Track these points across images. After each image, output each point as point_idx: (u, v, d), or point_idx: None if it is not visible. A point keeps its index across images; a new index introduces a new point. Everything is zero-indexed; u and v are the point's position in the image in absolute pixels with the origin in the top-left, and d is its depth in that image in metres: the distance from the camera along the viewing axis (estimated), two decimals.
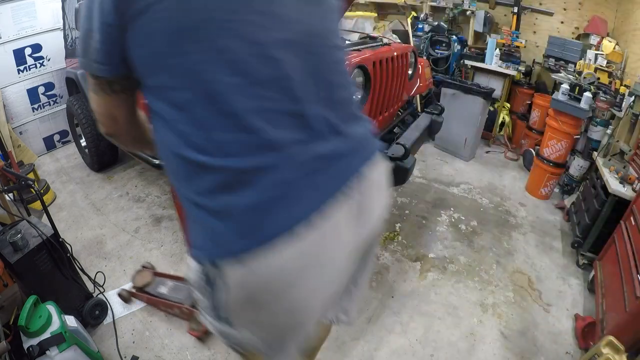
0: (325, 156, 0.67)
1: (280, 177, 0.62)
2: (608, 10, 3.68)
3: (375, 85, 1.96)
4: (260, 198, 0.61)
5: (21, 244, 1.51)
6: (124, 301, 2.01)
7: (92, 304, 1.87)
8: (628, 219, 1.98)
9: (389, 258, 2.43)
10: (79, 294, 1.84)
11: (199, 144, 0.61)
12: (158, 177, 3.33)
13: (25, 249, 1.51)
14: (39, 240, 1.56)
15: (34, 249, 1.53)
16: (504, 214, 2.99)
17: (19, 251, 1.50)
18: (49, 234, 1.61)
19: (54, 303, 1.53)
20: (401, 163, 1.83)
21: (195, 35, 0.58)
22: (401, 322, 1.98)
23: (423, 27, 4.55)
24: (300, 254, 0.63)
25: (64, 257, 1.70)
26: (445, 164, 3.82)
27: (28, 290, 1.50)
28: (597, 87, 3.02)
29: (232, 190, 0.61)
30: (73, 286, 1.79)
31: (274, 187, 0.61)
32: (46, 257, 1.60)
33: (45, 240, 1.57)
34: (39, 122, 3.77)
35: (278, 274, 0.63)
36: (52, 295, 1.59)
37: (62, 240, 1.70)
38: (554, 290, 2.24)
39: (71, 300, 1.77)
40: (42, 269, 1.59)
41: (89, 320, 1.84)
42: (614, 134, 2.60)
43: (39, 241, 1.56)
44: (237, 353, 0.87)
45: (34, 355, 1.29)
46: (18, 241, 1.49)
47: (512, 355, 1.82)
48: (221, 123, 0.60)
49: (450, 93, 3.76)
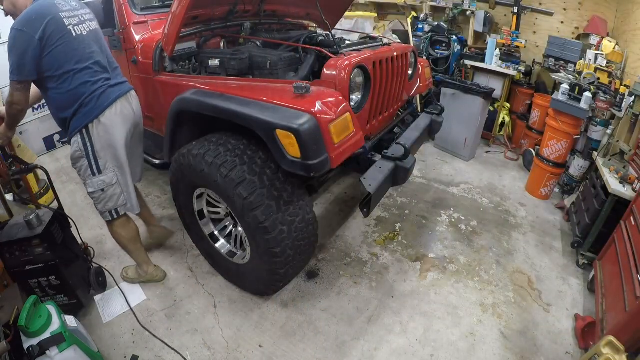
0: (114, 84, 1.76)
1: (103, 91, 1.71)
2: (608, 10, 3.69)
3: (375, 85, 1.97)
4: (98, 98, 1.69)
5: (36, 221, 1.68)
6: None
7: (94, 272, 2.07)
8: (628, 219, 1.98)
9: (389, 258, 2.43)
10: (84, 263, 2.06)
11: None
12: (158, 177, 3.33)
13: (42, 224, 1.71)
14: (50, 214, 1.79)
15: (51, 220, 1.75)
16: (504, 214, 2.99)
17: (38, 227, 1.69)
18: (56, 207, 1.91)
19: (54, 303, 1.54)
20: (401, 163, 1.83)
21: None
22: (401, 322, 1.98)
23: (423, 27, 4.55)
24: (113, 115, 1.72)
25: (69, 228, 1.94)
26: (445, 164, 3.82)
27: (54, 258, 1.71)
28: (597, 87, 3.02)
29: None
30: (80, 256, 2.02)
31: (101, 94, 1.70)
32: (58, 228, 1.81)
33: (55, 213, 1.83)
34: (39, 122, 3.78)
35: (109, 122, 1.72)
36: (69, 263, 1.84)
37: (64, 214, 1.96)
38: (554, 290, 2.25)
39: (80, 267, 1.99)
40: (58, 238, 1.78)
41: (96, 288, 2.07)
42: (614, 134, 2.60)
43: (51, 215, 1.79)
44: (109, 219, 1.91)
45: (34, 355, 1.30)
46: (33, 219, 1.67)
47: (512, 355, 1.82)
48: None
49: (450, 93, 3.77)
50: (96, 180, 1.77)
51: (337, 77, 1.71)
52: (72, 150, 1.74)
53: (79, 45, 1.62)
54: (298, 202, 1.70)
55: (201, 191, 1.92)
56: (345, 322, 1.97)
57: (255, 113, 1.52)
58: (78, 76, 1.62)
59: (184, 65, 2.14)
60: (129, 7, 2.19)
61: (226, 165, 1.61)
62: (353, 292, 2.15)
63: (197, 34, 2.21)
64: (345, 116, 1.56)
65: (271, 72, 1.93)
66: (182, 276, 2.25)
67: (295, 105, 1.49)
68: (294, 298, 2.10)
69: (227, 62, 1.97)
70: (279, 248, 1.65)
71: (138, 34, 2.19)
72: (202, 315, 1.99)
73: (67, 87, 1.61)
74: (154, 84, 2.14)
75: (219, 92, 1.75)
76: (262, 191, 1.58)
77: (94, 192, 1.80)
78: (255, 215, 1.57)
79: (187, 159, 1.77)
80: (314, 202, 2.57)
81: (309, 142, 1.41)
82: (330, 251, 2.47)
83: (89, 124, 1.67)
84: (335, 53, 1.86)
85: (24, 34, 1.46)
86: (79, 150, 1.71)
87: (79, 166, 1.76)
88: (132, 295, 2.11)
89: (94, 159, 1.73)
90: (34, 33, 1.47)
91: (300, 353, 1.80)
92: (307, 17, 3.07)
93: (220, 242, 2.12)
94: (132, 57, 2.20)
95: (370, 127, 2.08)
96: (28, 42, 1.47)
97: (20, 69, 1.51)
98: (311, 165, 1.43)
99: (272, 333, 1.90)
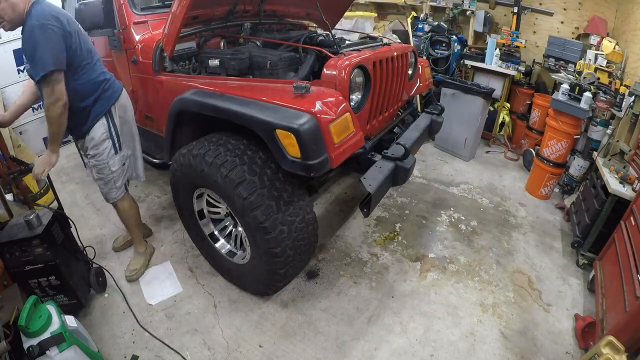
0: (115, 83, 1.97)
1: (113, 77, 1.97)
2: (608, 10, 3.68)
3: (375, 85, 1.97)
4: (113, 82, 1.95)
5: (36, 222, 1.67)
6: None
7: (94, 272, 2.07)
8: (628, 219, 1.98)
9: (389, 258, 2.43)
10: (84, 263, 2.06)
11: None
12: (158, 177, 3.33)
13: (42, 224, 1.70)
14: (50, 214, 1.78)
15: (50, 220, 1.74)
16: (504, 214, 2.99)
17: (38, 227, 1.67)
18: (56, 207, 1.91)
19: (54, 303, 1.53)
20: (401, 163, 1.83)
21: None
22: (401, 322, 1.98)
23: (423, 27, 4.55)
24: (124, 95, 2.01)
25: (69, 227, 1.93)
26: (445, 164, 3.82)
27: (54, 258, 1.70)
28: (597, 87, 3.02)
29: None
30: (79, 256, 2.01)
31: (114, 80, 1.96)
32: (58, 228, 1.81)
33: (55, 213, 1.81)
34: (38, 122, 3.78)
35: (125, 102, 2.02)
36: (69, 263, 1.83)
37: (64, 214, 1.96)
38: (554, 290, 2.24)
39: (80, 267, 1.99)
40: (58, 238, 1.77)
41: (96, 288, 2.06)
42: (614, 134, 2.60)
43: (51, 215, 1.78)
44: (122, 195, 2.09)
45: (33, 355, 1.30)
46: (33, 219, 1.66)
47: (512, 355, 1.82)
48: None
49: (450, 93, 3.77)
50: (118, 157, 1.98)
51: (337, 77, 1.71)
52: (96, 135, 1.86)
53: (89, 40, 1.81)
54: (298, 202, 1.70)
55: (201, 191, 1.92)
56: (345, 322, 1.97)
57: (255, 113, 1.52)
58: (96, 66, 1.83)
59: (184, 65, 2.14)
60: (129, 7, 2.19)
61: (226, 165, 1.61)
62: (353, 292, 2.15)
63: (197, 34, 2.21)
64: (345, 116, 1.56)
65: (271, 72, 1.93)
66: (182, 276, 2.25)
67: (295, 105, 1.49)
68: (294, 298, 2.10)
69: (227, 62, 1.97)
70: (279, 248, 1.65)
71: (138, 34, 2.19)
72: (202, 315, 1.99)
73: (88, 77, 1.77)
74: (154, 84, 2.14)
75: (219, 92, 1.75)
76: (262, 191, 1.58)
77: (115, 170, 1.97)
78: (255, 215, 1.57)
79: (187, 159, 1.77)
80: (314, 202, 2.57)
81: (309, 142, 1.41)
82: (330, 251, 2.47)
83: (112, 107, 1.90)
84: (335, 53, 1.86)
85: (52, 27, 1.51)
86: (105, 132, 1.89)
87: (102, 149, 1.90)
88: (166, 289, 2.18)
89: (116, 137, 1.95)
90: (62, 26, 1.55)
91: (300, 353, 1.80)
92: (307, 17, 3.07)
93: (220, 242, 2.12)
94: (132, 57, 2.20)
95: (370, 127, 2.08)
96: (58, 34, 1.53)
97: (56, 58, 1.54)
98: (311, 165, 1.43)
99: (272, 333, 1.90)
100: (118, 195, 2.07)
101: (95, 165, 1.94)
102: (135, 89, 2.34)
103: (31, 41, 1.49)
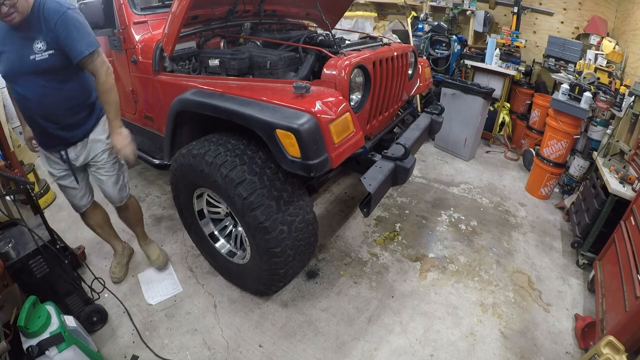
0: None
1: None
2: (608, 10, 3.69)
3: (375, 85, 1.96)
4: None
5: (13, 253, 1.47)
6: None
7: (89, 310, 1.84)
8: (628, 219, 1.98)
9: (389, 258, 2.43)
10: (77, 298, 1.80)
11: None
12: (158, 176, 3.33)
13: (20, 254, 1.49)
14: (34, 246, 1.53)
15: (28, 254, 1.51)
16: (504, 214, 2.99)
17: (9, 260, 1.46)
18: (46, 239, 1.58)
19: (53, 303, 1.53)
20: (401, 163, 1.83)
21: None
22: (401, 322, 1.98)
23: (423, 27, 4.55)
24: None
25: (63, 262, 1.68)
26: (445, 164, 3.82)
27: (26, 291, 1.52)
28: (597, 87, 3.02)
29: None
30: (73, 290, 1.76)
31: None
32: (42, 262, 1.56)
33: (40, 246, 1.54)
34: None
35: None
36: (50, 298, 1.58)
37: (61, 245, 1.69)
38: (554, 290, 2.24)
39: (69, 304, 1.75)
40: (38, 273, 1.56)
41: (85, 326, 1.77)
42: (614, 134, 2.60)
43: (34, 247, 1.52)
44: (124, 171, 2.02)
45: (33, 356, 1.29)
46: (9, 251, 1.46)
47: (512, 355, 1.82)
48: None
49: (450, 93, 3.77)
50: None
51: (337, 77, 1.71)
52: (106, 125, 1.82)
53: None
54: (298, 202, 1.70)
55: (201, 191, 1.92)
56: (345, 322, 1.97)
57: (255, 113, 1.52)
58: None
59: (184, 65, 2.14)
60: (129, 7, 2.19)
61: (226, 165, 1.61)
62: (353, 292, 2.15)
63: (197, 34, 2.21)
64: (345, 116, 1.56)
65: (271, 72, 1.93)
66: (182, 276, 2.25)
67: (295, 105, 1.49)
68: (294, 298, 2.10)
69: (227, 62, 1.97)
70: (279, 248, 1.65)
71: (138, 34, 2.19)
72: (202, 315, 1.99)
73: None
74: (154, 84, 2.14)
75: (219, 92, 1.75)
76: (262, 191, 1.58)
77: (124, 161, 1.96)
78: (255, 215, 1.57)
79: (187, 159, 1.77)
80: (314, 202, 2.57)
81: (309, 142, 1.41)
82: (330, 251, 2.47)
83: None
84: (335, 53, 1.86)
85: (80, 13, 1.60)
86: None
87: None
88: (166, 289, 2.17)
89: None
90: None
91: (300, 353, 1.80)
92: (307, 17, 3.07)
93: (220, 242, 2.12)
94: (132, 57, 2.20)
95: (370, 127, 2.08)
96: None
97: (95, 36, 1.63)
98: (311, 165, 1.43)
99: (272, 333, 1.90)
100: (127, 191, 2.08)
101: (107, 161, 1.87)
102: (135, 89, 2.34)
103: (72, 23, 1.54)
